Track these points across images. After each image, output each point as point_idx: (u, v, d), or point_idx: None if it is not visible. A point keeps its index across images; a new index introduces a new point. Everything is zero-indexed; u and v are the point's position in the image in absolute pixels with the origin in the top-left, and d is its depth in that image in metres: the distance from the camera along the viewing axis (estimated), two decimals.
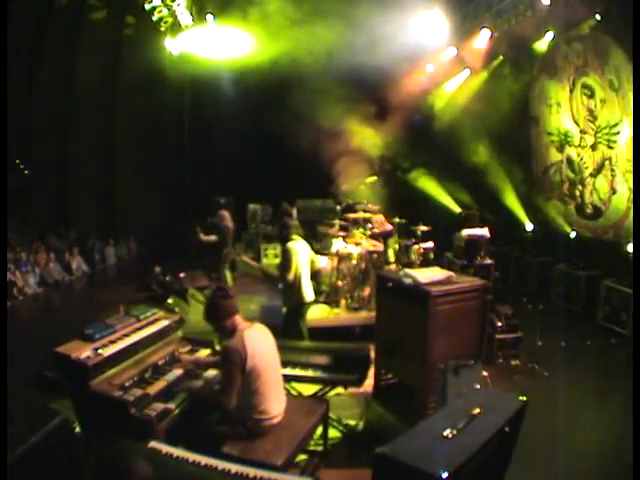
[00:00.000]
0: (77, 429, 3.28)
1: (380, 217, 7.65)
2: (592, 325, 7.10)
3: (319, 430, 3.73)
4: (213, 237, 8.03)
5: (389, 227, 7.63)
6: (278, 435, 3.22)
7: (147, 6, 10.55)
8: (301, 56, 9.64)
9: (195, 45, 11.67)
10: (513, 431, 2.38)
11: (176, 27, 11.00)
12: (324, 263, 7.00)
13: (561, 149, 8.93)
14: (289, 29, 9.65)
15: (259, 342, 3.27)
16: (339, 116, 9.01)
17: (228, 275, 8.31)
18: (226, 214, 8.33)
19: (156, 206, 13.98)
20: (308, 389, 4.48)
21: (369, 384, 4.32)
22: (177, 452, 2.60)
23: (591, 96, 7.93)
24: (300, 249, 5.33)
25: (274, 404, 3.28)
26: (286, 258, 5.21)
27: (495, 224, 8.59)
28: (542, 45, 8.75)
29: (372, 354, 4.28)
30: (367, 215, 7.46)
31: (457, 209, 11.24)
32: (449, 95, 11.65)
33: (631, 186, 7.18)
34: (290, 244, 5.26)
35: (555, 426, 4.42)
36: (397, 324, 4.12)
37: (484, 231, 7.32)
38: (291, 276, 5.15)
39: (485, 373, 4.02)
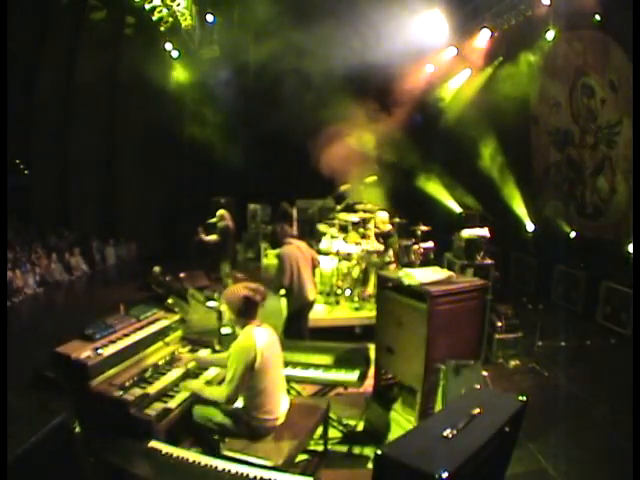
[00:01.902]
0: (77, 429, 3.28)
1: (384, 214, 7.65)
2: (592, 325, 7.10)
3: (319, 430, 3.73)
4: (214, 237, 8.04)
5: (389, 227, 7.62)
6: (279, 435, 3.23)
7: (147, 6, 10.56)
8: (301, 56, 9.65)
9: (195, 45, 11.71)
10: (513, 431, 2.37)
11: (176, 27, 11.03)
12: (324, 263, 7.00)
13: (561, 149, 8.92)
14: (289, 29, 9.67)
15: (268, 341, 3.28)
16: (339, 116, 9.01)
17: (227, 276, 8.31)
18: (226, 214, 8.33)
19: (156, 206, 13.96)
20: (308, 389, 4.49)
21: (369, 384, 4.32)
22: (177, 452, 2.60)
23: (591, 96, 7.93)
24: (296, 252, 5.32)
25: (278, 404, 3.29)
26: (280, 264, 5.22)
27: (495, 224, 8.58)
28: (542, 45, 8.75)
29: (372, 354, 4.28)
30: (367, 215, 7.45)
31: (457, 209, 11.24)
32: (449, 95, 11.65)
33: (631, 186, 7.18)
34: (283, 249, 5.26)
35: (555, 426, 4.42)
36: (397, 324, 4.12)
37: (484, 231, 7.31)
38: (286, 281, 5.16)
39: (485, 373, 4.02)
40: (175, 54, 11.51)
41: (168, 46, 11.26)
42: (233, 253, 9.54)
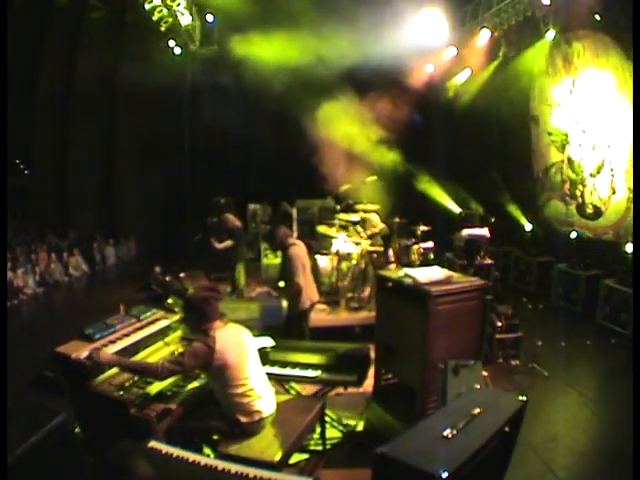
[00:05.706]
0: (77, 429, 3.28)
1: (374, 216, 7.63)
2: (592, 325, 7.10)
3: (319, 430, 3.73)
4: (229, 242, 7.99)
5: (381, 226, 7.59)
6: (273, 433, 3.23)
7: (147, 6, 10.57)
8: (301, 56, 9.65)
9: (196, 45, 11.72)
10: (513, 431, 2.37)
11: (176, 27, 11.04)
12: (324, 263, 6.99)
13: (561, 149, 8.92)
14: (288, 29, 9.67)
15: (231, 341, 3.26)
16: (339, 116, 9.01)
17: (242, 276, 8.28)
18: (231, 216, 8.33)
19: (156, 206, 13.97)
20: (308, 389, 4.49)
21: (369, 384, 4.32)
22: (177, 452, 2.60)
23: (591, 96, 7.93)
24: (300, 252, 5.31)
25: (262, 402, 3.28)
26: (292, 265, 5.15)
27: (495, 224, 8.59)
28: (542, 45, 8.75)
29: (372, 354, 4.28)
30: (367, 215, 7.45)
31: (457, 209, 11.23)
32: (449, 95, 11.65)
33: (631, 186, 7.18)
34: (291, 250, 5.23)
35: (555, 426, 4.42)
36: (397, 324, 4.11)
37: (484, 231, 7.30)
38: (301, 280, 5.11)
39: (485, 373, 4.01)
40: (178, 51, 11.50)
41: (171, 43, 11.27)
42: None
